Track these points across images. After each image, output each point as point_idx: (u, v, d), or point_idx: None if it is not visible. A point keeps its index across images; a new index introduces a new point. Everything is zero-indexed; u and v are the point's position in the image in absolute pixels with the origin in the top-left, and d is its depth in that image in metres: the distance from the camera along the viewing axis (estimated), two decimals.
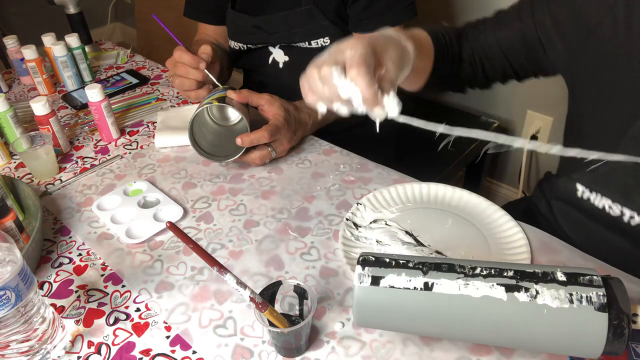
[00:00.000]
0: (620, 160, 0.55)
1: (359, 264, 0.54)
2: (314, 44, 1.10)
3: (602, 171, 0.64)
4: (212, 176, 0.90)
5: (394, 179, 0.86)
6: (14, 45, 1.25)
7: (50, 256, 0.76)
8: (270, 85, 1.21)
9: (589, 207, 0.70)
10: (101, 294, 0.69)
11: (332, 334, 0.61)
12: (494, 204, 0.77)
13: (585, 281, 0.48)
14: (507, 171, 1.83)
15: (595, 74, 0.66)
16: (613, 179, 0.65)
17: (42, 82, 1.21)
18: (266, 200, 0.84)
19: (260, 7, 1.10)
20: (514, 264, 0.52)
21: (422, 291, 0.51)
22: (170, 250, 0.75)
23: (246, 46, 1.17)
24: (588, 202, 0.69)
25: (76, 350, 0.62)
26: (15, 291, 0.54)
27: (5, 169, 0.97)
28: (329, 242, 0.75)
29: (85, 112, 1.14)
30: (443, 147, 0.65)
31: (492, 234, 0.73)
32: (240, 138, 0.84)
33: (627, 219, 0.65)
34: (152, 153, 0.98)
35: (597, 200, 0.68)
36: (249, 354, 0.60)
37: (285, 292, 0.61)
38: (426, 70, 0.76)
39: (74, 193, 0.88)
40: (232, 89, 0.90)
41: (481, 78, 0.81)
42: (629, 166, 0.58)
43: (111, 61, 1.39)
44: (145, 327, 0.64)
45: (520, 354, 0.58)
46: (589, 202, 0.69)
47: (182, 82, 0.96)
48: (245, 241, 0.76)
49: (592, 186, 0.68)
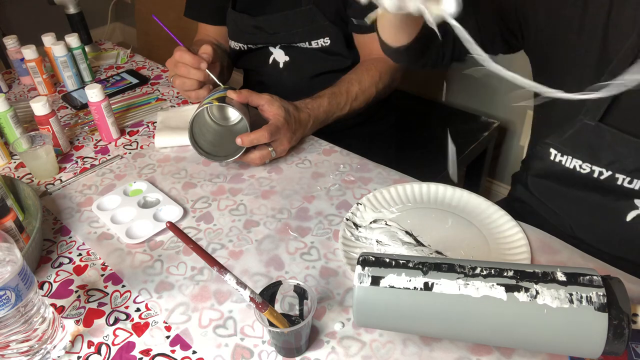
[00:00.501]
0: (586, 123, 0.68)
1: (359, 264, 0.54)
2: (315, 44, 1.10)
3: (570, 134, 0.72)
4: (212, 176, 0.90)
5: (394, 179, 0.86)
6: (14, 45, 1.25)
7: (50, 256, 0.76)
8: (270, 86, 1.21)
9: (560, 169, 0.76)
10: (101, 294, 0.69)
11: (332, 334, 0.61)
12: (494, 204, 0.77)
13: (585, 281, 0.48)
14: (507, 171, 1.83)
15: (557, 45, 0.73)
16: (580, 140, 0.72)
17: (42, 82, 1.21)
18: (266, 200, 0.84)
19: (260, 8, 1.10)
20: (514, 264, 0.52)
21: (422, 291, 0.51)
22: (170, 250, 0.75)
23: (246, 46, 1.17)
24: (560, 164, 0.76)
25: (76, 350, 0.62)
26: (15, 291, 0.54)
27: (5, 169, 0.97)
28: (329, 242, 0.75)
29: (85, 112, 1.14)
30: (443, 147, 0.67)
31: (492, 234, 0.73)
32: (240, 138, 0.84)
33: (597, 175, 0.72)
34: (152, 153, 0.98)
35: (568, 162, 0.75)
36: (249, 354, 0.60)
37: (285, 292, 0.61)
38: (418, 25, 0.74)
39: (74, 193, 0.88)
40: (232, 89, 0.90)
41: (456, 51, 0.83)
42: (592, 127, 0.69)
43: (111, 61, 1.39)
44: (145, 327, 0.64)
45: (520, 354, 0.58)
46: (560, 164, 0.76)
47: (183, 82, 0.96)
48: (245, 241, 0.76)
49: (563, 150, 0.74)
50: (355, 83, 1.02)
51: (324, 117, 0.98)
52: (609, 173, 0.71)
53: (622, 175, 0.71)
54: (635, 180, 0.70)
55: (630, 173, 0.70)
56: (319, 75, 1.15)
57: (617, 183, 0.71)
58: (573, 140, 0.73)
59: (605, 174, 0.72)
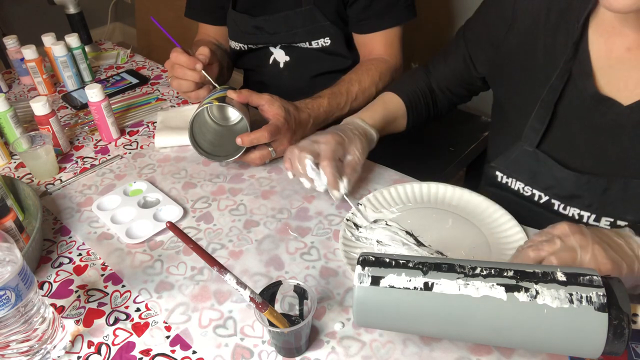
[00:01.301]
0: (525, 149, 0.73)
1: (359, 264, 0.54)
2: (315, 44, 1.10)
3: (512, 159, 0.76)
4: (212, 176, 0.90)
5: (394, 179, 0.86)
6: (14, 45, 1.25)
7: (50, 256, 0.76)
8: (270, 86, 1.21)
9: (508, 189, 0.80)
10: (101, 294, 0.69)
11: (332, 334, 0.61)
12: (495, 203, 0.77)
13: (585, 281, 0.48)
14: None
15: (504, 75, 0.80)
16: (521, 164, 0.76)
17: (42, 82, 1.21)
18: (266, 200, 0.84)
19: (261, 8, 1.10)
20: (514, 264, 0.52)
21: (422, 291, 0.51)
22: (170, 250, 0.75)
23: (247, 46, 1.17)
24: (507, 185, 0.80)
25: (76, 350, 0.62)
26: (15, 291, 0.54)
27: (5, 169, 0.97)
28: (329, 242, 0.75)
29: (85, 112, 1.14)
30: (443, 147, 0.71)
31: (493, 234, 0.73)
32: (240, 138, 0.84)
33: (537, 198, 0.76)
34: (152, 153, 0.98)
35: (512, 184, 0.79)
36: (249, 354, 0.60)
37: (285, 292, 0.61)
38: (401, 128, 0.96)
39: (74, 193, 0.88)
40: (232, 88, 0.90)
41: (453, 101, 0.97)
42: (530, 153, 0.73)
43: (111, 61, 1.39)
44: (145, 327, 0.64)
45: (520, 354, 0.58)
46: (507, 185, 0.80)
47: (180, 83, 0.95)
48: (245, 241, 0.76)
49: (507, 172, 0.79)
50: (355, 83, 1.02)
51: (324, 117, 0.98)
52: (546, 198, 0.75)
53: (557, 201, 0.74)
54: (568, 207, 0.73)
55: (563, 199, 0.73)
56: (319, 75, 1.15)
57: (554, 208, 0.75)
58: (515, 164, 0.77)
59: (544, 198, 0.76)
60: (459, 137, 1.53)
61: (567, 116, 0.71)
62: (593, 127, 0.68)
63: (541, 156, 0.73)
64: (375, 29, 1.06)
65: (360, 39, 1.09)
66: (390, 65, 1.08)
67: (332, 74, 1.11)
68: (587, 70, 0.67)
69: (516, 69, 0.77)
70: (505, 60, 0.78)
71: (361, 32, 1.08)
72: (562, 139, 0.72)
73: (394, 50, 1.09)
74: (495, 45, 0.79)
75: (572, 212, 0.73)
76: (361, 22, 1.06)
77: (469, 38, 0.86)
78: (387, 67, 1.06)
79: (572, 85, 0.69)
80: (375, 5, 1.03)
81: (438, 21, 1.70)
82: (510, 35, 0.76)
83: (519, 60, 0.76)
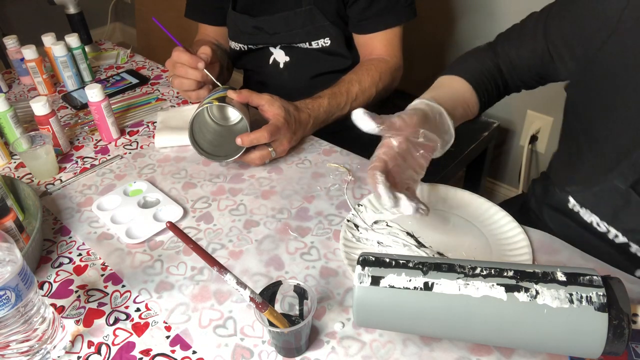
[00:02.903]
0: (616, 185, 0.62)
1: (358, 264, 0.54)
2: (315, 44, 1.10)
3: (594, 191, 0.68)
4: (212, 176, 0.90)
5: None
6: (14, 45, 1.25)
7: (50, 256, 0.76)
8: (270, 86, 1.21)
9: (578, 218, 0.73)
10: (101, 294, 0.69)
11: (332, 334, 0.61)
12: (495, 204, 0.77)
13: (585, 281, 0.48)
14: (507, 171, 1.83)
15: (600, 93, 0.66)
16: (605, 200, 0.68)
17: (42, 82, 1.21)
18: (266, 200, 0.84)
19: (260, 8, 1.10)
20: (514, 264, 0.52)
21: (422, 291, 0.51)
22: (170, 250, 0.75)
23: (247, 47, 1.17)
24: (578, 214, 0.73)
25: (76, 350, 0.62)
26: (15, 291, 0.54)
27: (5, 169, 0.97)
28: (329, 242, 0.75)
29: (85, 112, 1.14)
30: None
31: (494, 235, 0.73)
32: (240, 138, 0.84)
33: (612, 236, 0.69)
34: (152, 153, 0.98)
35: (586, 216, 0.72)
36: (249, 354, 0.60)
37: (285, 292, 0.61)
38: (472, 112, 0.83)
39: (74, 193, 0.88)
40: (232, 88, 0.90)
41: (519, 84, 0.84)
42: (621, 191, 0.64)
43: (111, 61, 1.39)
44: (145, 327, 0.64)
45: (520, 354, 0.58)
46: (578, 214, 0.73)
47: (181, 82, 0.96)
48: (245, 241, 0.76)
49: (584, 203, 0.71)
50: (356, 83, 1.02)
51: (324, 117, 0.98)
52: (624, 239, 0.68)
53: (636, 245, 0.67)
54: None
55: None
56: (319, 76, 1.15)
57: (631, 250, 0.68)
58: (597, 198, 0.69)
59: (621, 239, 0.69)
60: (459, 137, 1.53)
61: None
62: None
63: (635, 197, 0.64)
64: (376, 29, 1.06)
65: (360, 39, 1.10)
66: (391, 65, 1.08)
67: (332, 74, 1.11)
68: None
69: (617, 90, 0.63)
70: (602, 74, 0.65)
71: (361, 32, 1.08)
72: None
73: (394, 50, 1.09)
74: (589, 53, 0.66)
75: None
76: (361, 22, 1.06)
77: (552, 33, 0.72)
78: (387, 67, 1.06)
79: None
80: (375, 5, 1.03)
81: (438, 21, 1.70)
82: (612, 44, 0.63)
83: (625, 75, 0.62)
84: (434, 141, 0.68)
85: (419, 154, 0.67)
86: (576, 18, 0.68)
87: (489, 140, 1.58)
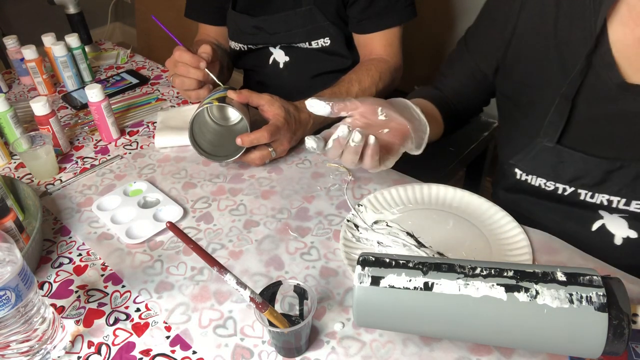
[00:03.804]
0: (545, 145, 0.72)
1: (358, 264, 0.54)
2: (315, 44, 1.10)
3: (532, 155, 0.75)
4: (212, 176, 0.90)
5: (394, 179, 0.86)
6: (14, 45, 1.25)
7: (50, 256, 0.76)
8: (270, 86, 1.21)
9: (527, 186, 0.79)
10: (101, 294, 0.69)
11: (332, 334, 0.61)
12: (495, 204, 0.77)
13: (585, 281, 0.48)
14: None
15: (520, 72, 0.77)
16: (542, 160, 0.75)
17: (42, 82, 1.21)
18: (266, 200, 0.84)
19: (260, 8, 1.10)
20: (514, 264, 0.52)
21: (422, 291, 0.51)
22: (170, 250, 0.75)
23: (247, 47, 1.17)
24: (526, 182, 0.79)
25: (76, 350, 0.62)
26: (15, 291, 0.54)
27: (5, 169, 0.97)
28: (329, 242, 0.75)
29: (85, 112, 1.14)
30: (443, 148, 0.70)
31: (494, 235, 0.73)
32: (240, 138, 0.84)
33: (561, 191, 0.76)
34: (152, 153, 0.98)
35: (533, 181, 0.78)
36: (249, 354, 0.60)
37: (285, 292, 0.61)
38: (439, 130, 0.89)
39: (74, 193, 0.88)
40: (233, 89, 0.90)
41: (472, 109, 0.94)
42: (550, 149, 0.73)
43: (111, 61, 1.39)
44: (145, 327, 0.64)
45: (520, 354, 0.58)
46: (526, 182, 0.79)
47: (183, 81, 0.96)
48: (245, 241, 0.76)
49: (527, 169, 0.78)
50: (355, 83, 1.02)
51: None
52: (571, 189, 0.75)
53: (584, 190, 0.74)
54: (596, 194, 0.73)
55: (591, 188, 0.73)
56: (319, 75, 1.15)
57: (580, 198, 0.75)
58: (535, 161, 0.76)
59: (569, 190, 0.75)
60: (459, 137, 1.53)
61: (588, 108, 0.70)
62: (620, 115, 0.68)
63: (563, 150, 0.72)
64: (375, 29, 1.06)
65: (360, 39, 1.10)
66: (390, 65, 1.08)
67: (332, 74, 1.11)
68: (610, 60, 0.67)
69: (527, 67, 0.76)
70: (515, 59, 0.77)
71: (361, 32, 1.08)
72: (583, 130, 0.72)
73: (394, 50, 1.09)
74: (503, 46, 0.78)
75: (601, 198, 0.73)
76: (361, 22, 1.06)
77: (472, 48, 0.85)
78: (387, 67, 1.06)
79: (592, 77, 0.69)
80: (375, 5, 1.03)
81: (438, 21, 1.70)
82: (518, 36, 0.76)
83: (531, 57, 0.75)
84: (401, 123, 0.71)
85: (384, 132, 0.70)
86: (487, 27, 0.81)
87: (488, 140, 1.58)
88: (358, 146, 0.66)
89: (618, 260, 0.68)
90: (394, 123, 0.71)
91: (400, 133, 0.71)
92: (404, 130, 0.71)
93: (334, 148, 0.67)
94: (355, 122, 0.70)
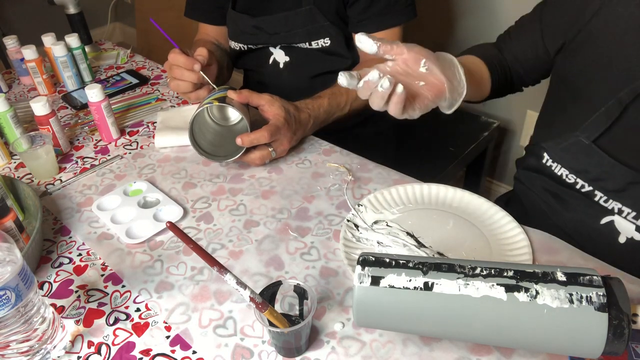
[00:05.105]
0: (581, 140, 0.73)
1: (358, 264, 0.54)
2: (315, 44, 1.10)
3: (563, 146, 0.77)
4: (212, 176, 0.90)
5: (394, 179, 0.86)
6: (14, 45, 1.25)
7: (50, 256, 0.76)
8: (270, 86, 1.21)
9: (549, 172, 0.81)
10: (101, 294, 0.69)
11: (332, 334, 0.61)
12: (495, 204, 0.77)
13: (585, 281, 0.48)
14: (507, 171, 1.83)
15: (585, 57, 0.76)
16: (572, 153, 0.77)
17: (42, 82, 1.21)
18: (266, 200, 0.84)
19: (260, 8, 1.10)
20: (514, 264, 0.52)
21: (422, 291, 0.51)
22: (170, 250, 0.75)
23: (247, 47, 1.17)
24: (550, 168, 0.81)
25: (76, 350, 0.62)
26: (15, 291, 0.54)
27: (5, 169, 0.97)
28: (329, 242, 0.75)
29: (85, 112, 1.14)
30: (443, 148, 0.69)
31: (494, 235, 0.73)
32: (240, 138, 0.84)
33: (579, 187, 0.78)
34: (152, 153, 0.98)
35: (557, 169, 0.80)
36: (249, 354, 0.60)
37: (285, 292, 0.61)
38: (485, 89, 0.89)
39: (74, 193, 0.88)
40: (232, 89, 0.90)
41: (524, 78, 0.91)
42: (585, 145, 0.74)
43: (111, 61, 1.39)
44: (145, 327, 0.64)
45: (520, 354, 0.58)
46: (550, 168, 0.81)
47: (178, 84, 0.95)
48: (245, 241, 0.76)
49: (555, 157, 0.79)
50: None
51: (324, 117, 0.98)
52: (590, 188, 0.76)
53: (600, 193, 0.75)
54: (611, 200, 0.74)
55: (608, 193, 0.74)
56: (319, 76, 1.15)
57: (595, 199, 0.76)
58: (566, 152, 0.77)
59: (587, 188, 0.77)
60: (459, 137, 1.54)
61: (636, 117, 0.70)
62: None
63: (596, 150, 0.72)
64: (376, 29, 1.06)
65: None
66: None
67: (332, 74, 1.10)
68: None
69: (596, 55, 0.73)
70: (586, 41, 0.74)
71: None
72: (623, 137, 0.71)
73: None
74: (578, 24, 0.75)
75: (613, 205, 0.74)
76: (361, 23, 1.06)
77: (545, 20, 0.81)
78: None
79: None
80: (376, 5, 1.03)
81: (438, 21, 1.70)
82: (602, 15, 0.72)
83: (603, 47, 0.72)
84: (440, 80, 0.68)
85: (420, 84, 0.68)
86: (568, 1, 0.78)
87: (488, 140, 1.58)
88: (385, 92, 0.63)
89: (618, 259, 0.68)
90: (432, 78, 0.68)
91: (436, 89, 0.68)
92: (440, 88, 0.68)
93: (364, 89, 0.65)
94: (395, 67, 0.67)
